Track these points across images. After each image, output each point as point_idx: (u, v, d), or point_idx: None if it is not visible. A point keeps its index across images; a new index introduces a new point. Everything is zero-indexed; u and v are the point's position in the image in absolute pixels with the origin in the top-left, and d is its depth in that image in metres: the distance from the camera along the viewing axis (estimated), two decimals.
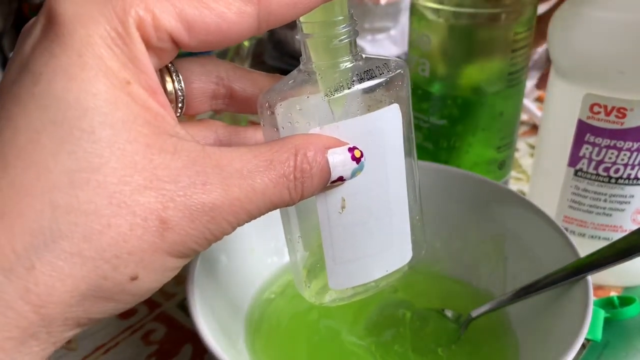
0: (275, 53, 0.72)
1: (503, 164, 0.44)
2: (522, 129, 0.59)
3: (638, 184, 0.35)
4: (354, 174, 0.23)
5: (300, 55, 0.23)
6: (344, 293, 0.26)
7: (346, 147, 0.22)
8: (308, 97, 0.22)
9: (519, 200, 0.34)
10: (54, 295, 0.17)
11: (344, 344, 0.32)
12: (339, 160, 0.22)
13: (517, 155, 0.55)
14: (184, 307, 0.37)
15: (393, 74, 0.23)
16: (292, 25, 0.65)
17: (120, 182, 0.18)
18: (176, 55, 0.21)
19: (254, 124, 0.27)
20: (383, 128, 0.23)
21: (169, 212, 0.18)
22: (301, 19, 0.22)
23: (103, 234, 0.17)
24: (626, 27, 0.32)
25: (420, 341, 0.32)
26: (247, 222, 0.20)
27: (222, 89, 0.25)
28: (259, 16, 0.20)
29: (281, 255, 0.37)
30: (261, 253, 0.35)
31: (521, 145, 0.57)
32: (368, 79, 0.22)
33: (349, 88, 0.22)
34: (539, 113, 0.58)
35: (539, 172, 0.41)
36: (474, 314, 0.32)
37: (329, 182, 0.22)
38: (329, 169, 0.22)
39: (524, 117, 0.59)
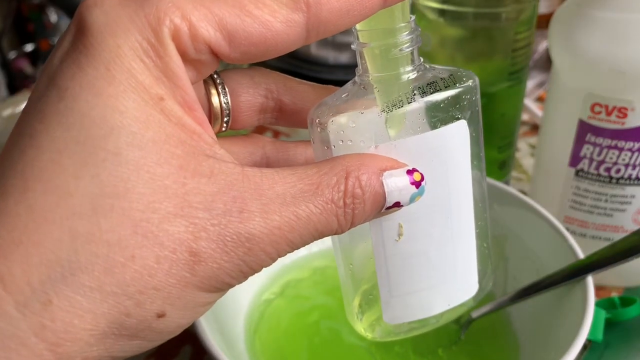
0: None
1: (504, 164, 0.44)
2: (523, 129, 0.59)
3: (639, 184, 0.34)
4: (412, 199, 0.20)
5: (301, 55, 0.22)
6: (400, 328, 0.24)
7: (404, 170, 0.20)
8: (362, 112, 0.20)
9: (520, 201, 0.34)
10: (72, 333, 0.16)
11: (344, 345, 0.32)
12: (395, 184, 0.20)
13: (518, 155, 0.55)
14: None
15: (461, 87, 0.20)
16: None
17: (148, 210, 0.16)
18: (217, 67, 0.19)
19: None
20: (447, 147, 0.21)
21: (201, 243, 0.17)
22: (357, 26, 0.20)
23: (126, 267, 0.16)
24: (627, 27, 0.32)
25: (421, 342, 0.32)
26: (289, 252, 0.18)
27: (271, 102, 0.23)
28: (307, 25, 0.18)
29: None
30: None
31: (522, 145, 0.57)
32: (431, 93, 0.20)
33: (409, 103, 0.20)
34: (539, 113, 0.58)
35: (540, 172, 0.40)
36: (475, 314, 0.32)
37: (384, 208, 0.20)
38: (384, 194, 0.19)
39: (524, 117, 0.59)
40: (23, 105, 0.17)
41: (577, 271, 0.29)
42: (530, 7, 0.38)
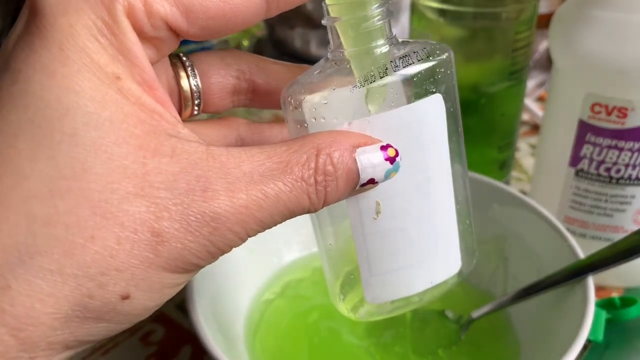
0: (275, 52, 0.72)
1: (504, 164, 0.44)
2: (523, 128, 0.59)
3: (639, 185, 0.34)
4: (387, 176, 0.20)
5: (301, 54, 0.22)
6: (383, 308, 0.24)
7: (378, 145, 0.20)
8: (335, 89, 0.20)
9: (520, 201, 0.34)
10: (34, 317, 0.15)
11: (344, 345, 0.32)
12: (369, 161, 0.19)
13: (518, 155, 0.55)
14: (183, 308, 0.37)
15: (435, 60, 0.20)
16: (292, 25, 0.65)
17: (106, 190, 0.16)
18: (178, 45, 0.19)
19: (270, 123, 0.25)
20: (423, 122, 0.20)
21: (163, 222, 0.16)
22: (327, 1, 0.20)
23: (86, 249, 0.16)
24: (627, 27, 0.32)
25: (421, 342, 0.32)
26: (259, 232, 0.18)
27: (243, 83, 0.23)
28: None
29: (281, 255, 0.37)
30: (261, 253, 0.35)
31: (522, 145, 0.57)
32: (404, 67, 0.20)
33: (381, 77, 0.19)
34: (540, 113, 0.58)
35: (540, 172, 0.40)
36: (475, 314, 0.32)
37: (358, 185, 0.20)
38: (357, 170, 0.19)
39: (525, 117, 0.59)
40: None
41: (578, 271, 0.29)
42: (530, 7, 0.38)
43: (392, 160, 0.20)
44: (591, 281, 0.28)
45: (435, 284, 0.24)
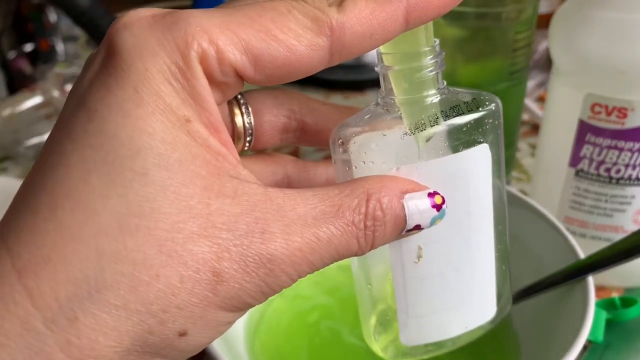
0: None
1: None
2: (523, 129, 0.59)
3: (639, 185, 0.34)
4: (433, 222, 0.20)
5: None
6: (416, 350, 0.24)
7: (425, 192, 0.20)
8: (385, 134, 0.20)
9: (520, 201, 0.34)
10: (96, 350, 0.16)
11: (345, 345, 0.32)
12: (416, 207, 0.20)
13: (518, 155, 0.55)
14: None
15: (484, 110, 0.21)
16: None
17: (173, 229, 0.16)
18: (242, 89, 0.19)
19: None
20: (469, 171, 0.21)
21: (224, 263, 0.17)
22: (382, 49, 0.20)
23: (151, 286, 0.16)
24: (627, 27, 0.32)
25: None
26: (309, 273, 0.19)
27: (293, 122, 0.24)
28: (331, 49, 0.18)
29: None
30: None
31: (522, 145, 0.57)
32: (454, 116, 0.20)
33: (431, 126, 0.20)
34: (539, 113, 0.58)
35: (540, 172, 0.40)
36: None
37: (405, 230, 0.20)
38: (405, 216, 0.19)
39: (524, 117, 0.59)
40: (23, 106, 0.17)
41: (578, 271, 0.29)
42: (530, 7, 0.38)
43: (438, 207, 0.20)
44: (591, 281, 0.28)
45: (470, 329, 0.24)
